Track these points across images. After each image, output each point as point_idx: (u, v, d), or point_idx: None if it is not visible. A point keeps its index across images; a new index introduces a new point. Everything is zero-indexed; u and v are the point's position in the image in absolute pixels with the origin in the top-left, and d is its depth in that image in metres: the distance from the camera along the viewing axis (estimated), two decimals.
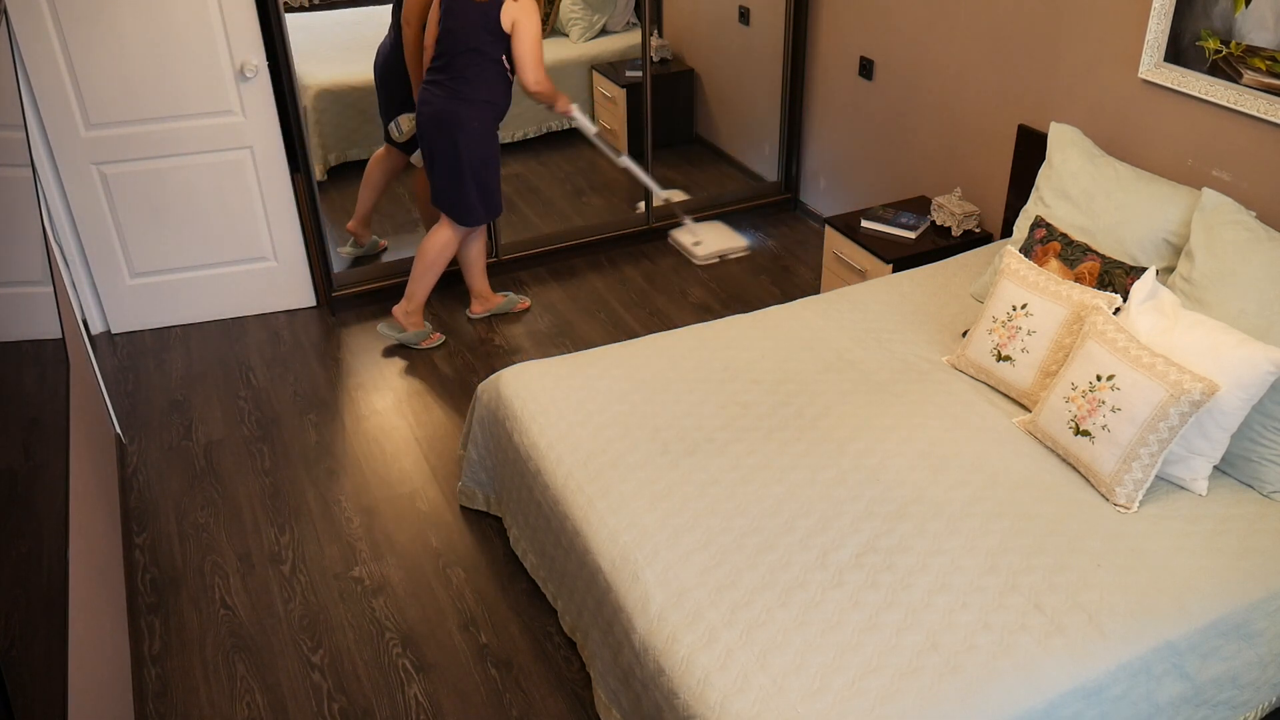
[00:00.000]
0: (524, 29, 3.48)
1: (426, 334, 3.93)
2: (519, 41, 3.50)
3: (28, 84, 3.51)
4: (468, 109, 3.57)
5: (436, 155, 3.65)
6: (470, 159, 3.62)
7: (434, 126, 3.61)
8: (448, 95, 3.56)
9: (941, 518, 2.32)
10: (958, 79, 3.75)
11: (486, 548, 2.99)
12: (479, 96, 3.57)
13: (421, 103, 3.64)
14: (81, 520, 2.37)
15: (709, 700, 1.93)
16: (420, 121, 3.66)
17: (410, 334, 3.89)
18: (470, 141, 3.60)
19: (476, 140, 3.61)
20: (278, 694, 2.57)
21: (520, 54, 3.52)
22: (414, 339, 3.90)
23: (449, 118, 3.57)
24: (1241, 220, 2.58)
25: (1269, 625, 2.18)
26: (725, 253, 4.46)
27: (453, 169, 3.64)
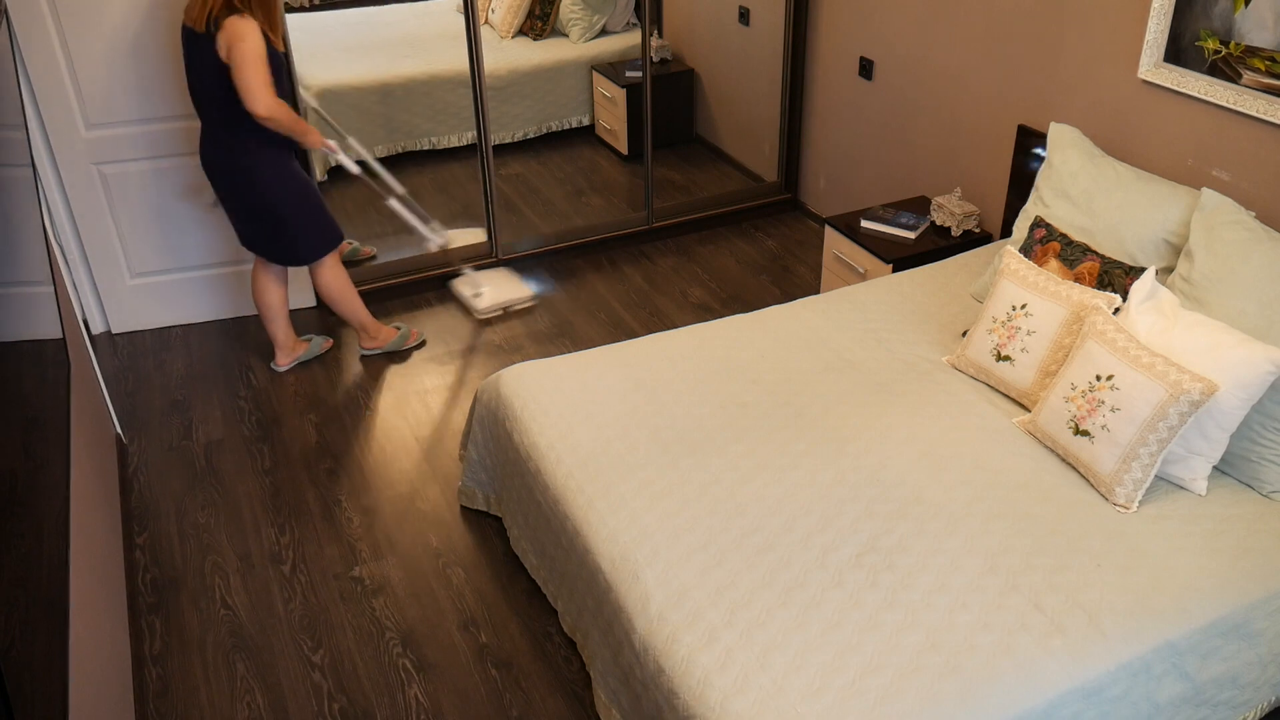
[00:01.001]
0: (238, 52, 3.00)
1: (405, 335, 3.90)
2: (234, 67, 3.02)
3: (28, 84, 3.51)
4: (248, 158, 3.27)
5: (242, 212, 3.40)
6: (276, 204, 3.36)
7: (224, 184, 3.35)
8: (221, 150, 3.27)
9: (941, 518, 2.33)
10: (958, 79, 3.76)
11: (486, 548, 2.99)
12: (255, 141, 3.23)
13: (203, 161, 3.34)
14: (81, 520, 2.37)
15: (709, 700, 1.93)
16: (212, 184, 3.39)
17: (391, 345, 3.87)
18: (269, 189, 3.33)
19: (275, 185, 3.33)
20: (278, 694, 2.57)
21: (239, 81, 3.03)
22: (396, 346, 3.88)
23: (229, 171, 3.30)
24: (1241, 220, 2.58)
25: (1269, 625, 2.18)
26: (509, 304, 4.13)
27: (262, 220, 3.40)
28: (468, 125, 5.19)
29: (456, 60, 4.72)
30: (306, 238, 3.48)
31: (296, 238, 3.46)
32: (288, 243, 3.46)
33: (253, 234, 3.46)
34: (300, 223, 3.44)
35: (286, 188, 3.37)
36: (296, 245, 3.48)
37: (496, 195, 4.31)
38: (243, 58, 3.01)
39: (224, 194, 3.40)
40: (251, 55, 3.02)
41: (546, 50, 5.47)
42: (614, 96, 5.30)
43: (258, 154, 3.27)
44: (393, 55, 5.23)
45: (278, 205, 3.36)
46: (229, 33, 3.01)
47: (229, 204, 3.43)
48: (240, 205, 3.39)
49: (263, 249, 3.49)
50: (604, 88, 5.39)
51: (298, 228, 3.44)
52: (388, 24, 5.59)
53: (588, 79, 5.50)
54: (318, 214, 3.49)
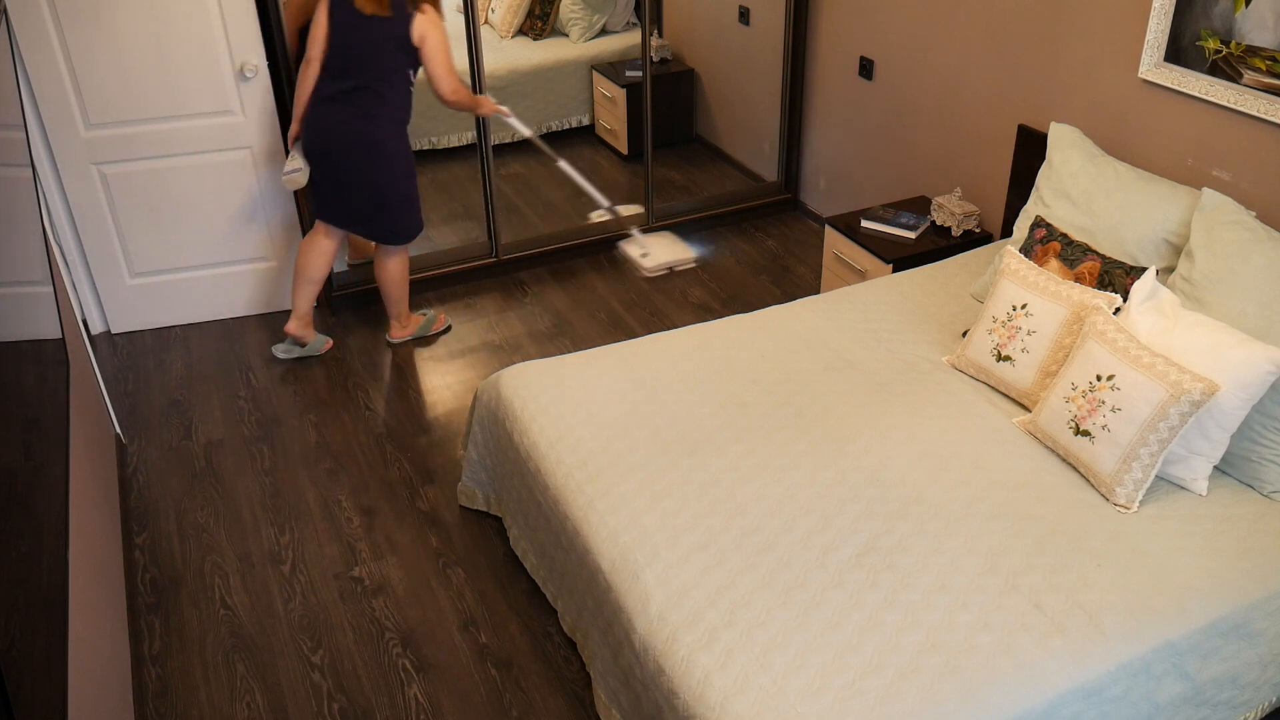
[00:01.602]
0: (432, 41, 3.36)
1: (431, 320, 3.98)
2: (429, 55, 3.38)
3: (28, 84, 3.51)
4: (383, 129, 3.45)
5: (355, 183, 3.50)
6: (398, 176, 3.54)
7: (351, 151, 3.45)
8: (359, 118, 3.42)
9: (941, 518, 2.32)
10: (958, 79, 3.75)
11: (486, 548, 2.99)
12: (391, 115, 3.47)
13: (320, 127, 3.44)
14: (81, 520, 2.37)
15: (709, 700, 1.93)
16: (326, 148, 3.47)
17: (417, 330, 3.95)
18: (392, 161, 3.51)
19: (398, 158, 3.52)
20: (278, 694, 2.57)
21: (432, 68, 3.40)
22: (423, 331, 3.96)
23: (365, 140, 3.44)
24: (1241, 220, 2.58)
25: (1269, 625, 2.18)
26: (673, 264, 4.35)
27: (377, 194, 3.53)
28: (468, 125, 5.19)
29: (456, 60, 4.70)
30: (408, 218, 3.64)
31: (402, 217, 3.61)
32: (390, 219, 3.60)
33: (357, 204, 3.54)
34: (408, 202, 3.61)
35: (408, 165, 3.57)
36: (398, 223, 3.62)
37: (496, 195, 4.31)
38: (437, 46, 3.37)
39: (338, 162, 3.47)
40: (444, 42, 3.39)
41: (546, 50, 5.47)
42: (614, 96, 5.29)
43: (394, 130, 3.48)
44: None
45: (398, 179, 3.54)
46: (426, 19, 3.34)
47: (339, 177, 3.50)
48: (357, 178, 3.49)
49: (360, 222, 3.60)
50: (604, 87, 5.39)
51: (405, 206, 3.60)
52: None
53: (588, 79, 5.50)
54: (418, 198, 3.67)
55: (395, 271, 3.75)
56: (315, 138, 3.47)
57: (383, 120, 3.44)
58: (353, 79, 3.39)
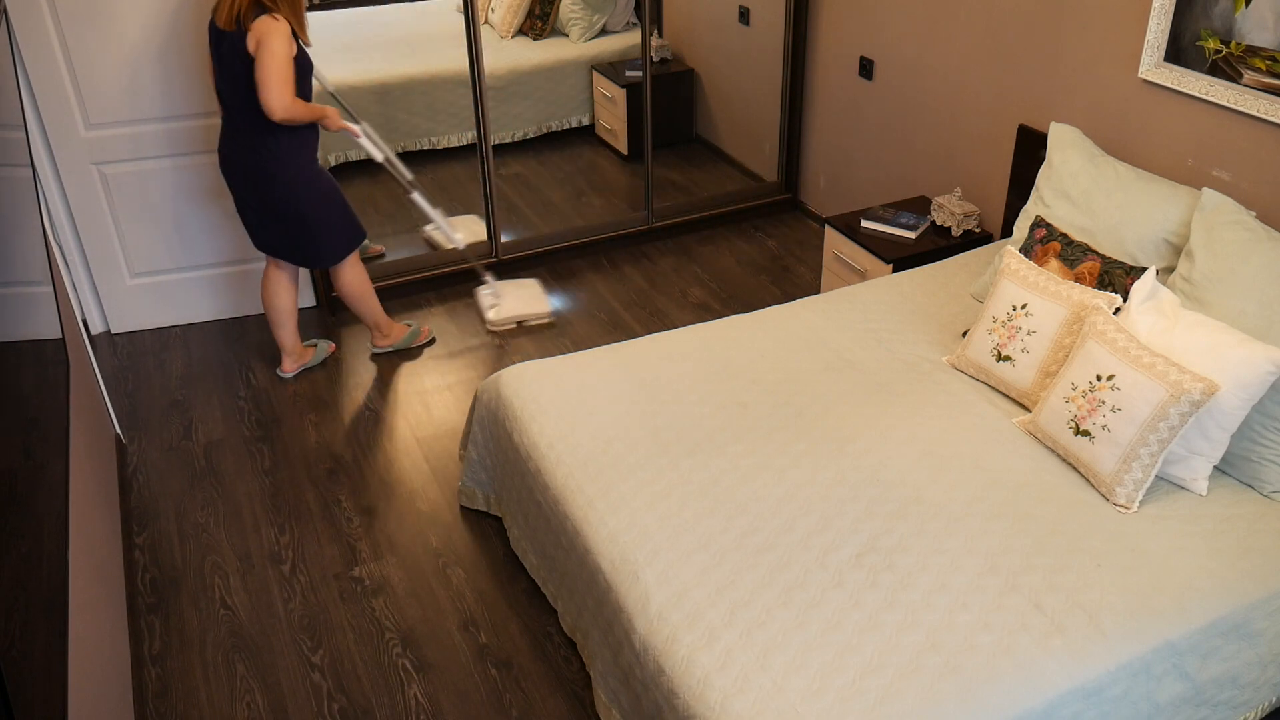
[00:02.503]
0: (264, 50, 3.02)
1: (415, 332, 3.90)
2: (258, 65, 3.03)
3: (28, 84, 3.51)
4: (273, 159, 3.24)
5: (265, 213, 3.36)
6: (305, 206, 3.33)
7: (247, 185, 3.32)
8: (245, 150, 3.24)
9: (941, 518, 2.32)
10: (958, 79, 3.75)
11: (486, 548, 2.99)
12: (280, 142, 3.21)
13: (223, 162, 3.32)
14: (81, 520, 2.37)
15: (709, 700, 1.93)
16: (231, 184, 3.36)
17: (400, 341, 3.87)
18: (292, 190, 3.30)
19: (299, 185, 3.31)
20: (278, 694, 2.57)
21: (259, 78, 3.03)
22: (406, 343, 3.89)
23: (257, 174, 3.27)
24: (1241, 220, 2.58)
25: (1269, 625, 2.18)
26: (524, 318, 4.01)
27: (291, 223, 3.36)
28: (468, 125, 5.19)
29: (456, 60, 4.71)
30: (330, 239, 3.46)
31: (320, 239, 3.43)
32: (310, 245, 3.43)
33: (273, 237, 3.41)
34: (323, 224, 3.41)
35: (310, 188, 3.34)
36: (320, 247, 3.45)
37: (496, 195, 4.31)
38: (269, 56, 3.02)
39: (243, 195, 3.35)
40: (276, 55, 3.03)
41: (546, 50, 5.47)
42: (614, 96, 5.29)
43: (283, 154, 3.24)
44: (392, 55, 5.23)
45: (301, 206, 3.33)
46: (258, 30, 3.02)
47: (247, 206, 3.38)
48: (261, 207, 3.34)
49: (284, 252, 3.45)
50: (604, 87, 5.39)
51: (321, 229, 3.41)
52: (387, 24, 5.59)
53: (588, 79, 5.50)
54: (341, 213, 3.47)
55: (350, 287, 3.61)
56: (223, 173, 3.35)
57: (269, 150, 3.22)
58: (228, 106, 3.22)
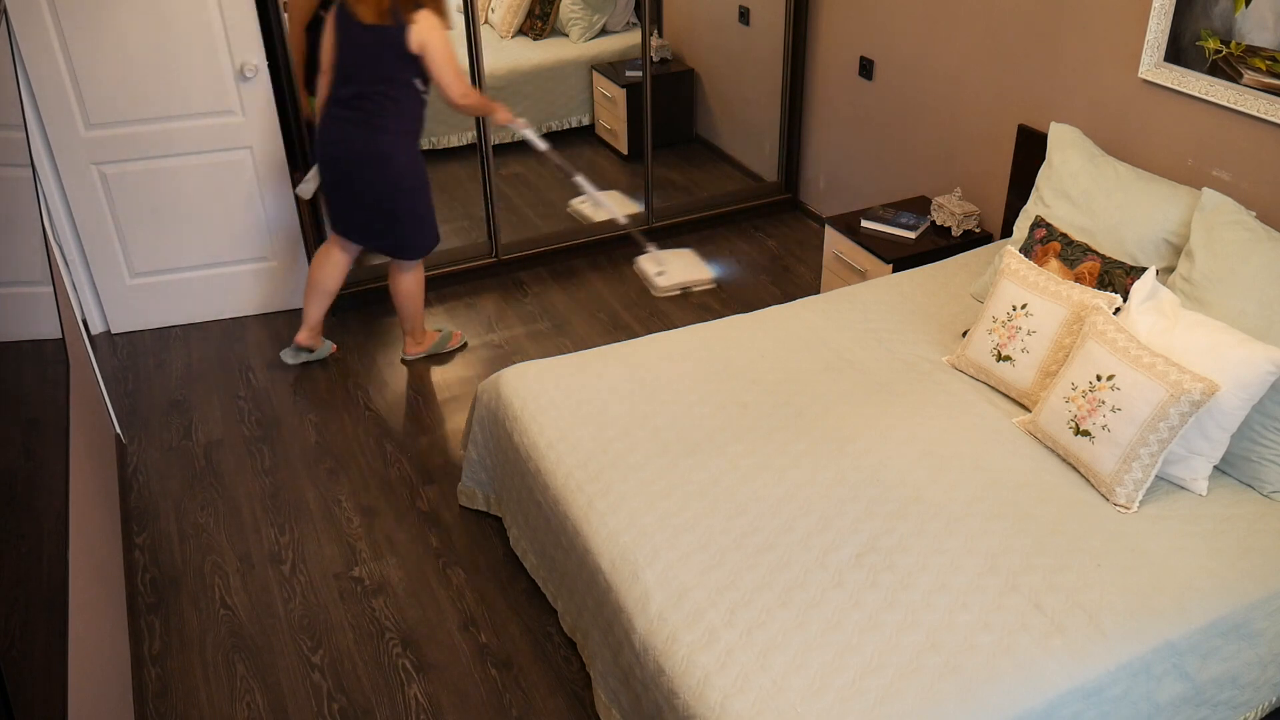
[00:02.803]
0: (433, 47, 3.21)
1: (447, 337, 3.89)
2: (432, 62, 3.23)
3: (28, 84, 3.51)
4: (391, 142, 3.34)
5: (363, 195, 3.42)
6: (406, 191, 3.43)
7: (354, 165, 3.36)
8: (365, 130, 3.31)
9: (941, 518, 2.32)
10: (958, 79, 3.75)
11: (486, 548, 2.99)
12: (399, 127, 3.34)
13: (328, 139, 3.37)
14: (81, 520, 2.37)
15: (709, 700, 1.93)
16: (334, 161, 3.40)
17: (431, 347, 3.86)
18: (400, 175, 3.39)
19: (406, 172, 3.40)
20: (278, 694, 2.57)
21: (437, 74, 3.25)
22: (437, 348, 3.88)
23: (372, 154, 3.34)
24: (1241, 220, 2.58)
25: (1269, 625, 2.18)
26: (689, 284, 4.12)
27: (386, 208, 3.44)
28: (468, 125, 5.18)
29: None
30: (420, 233, 3.54)
31: (412, 231, 3.51)
32: (400, 235, 3.50)
33: (366, 221, 3.48)
34: (419, 217, 3.50)
35: (418, 179, 3.44)
36: (409, 238, 3.52)
37: (496, 195, 4.31)
38: (440, 52, 3.21)
39: (347, 178, 3.39)
40: (446, 47, 3.23)
41: (546, 50, 5.46)
42: (614, 96, 5.29)
43: (401, 141, 3.35)
44: None
45: (406, 195, 3.42)
46: (423, 26, 3.18)
47: (347, 188, 3.42)
48: (365, 191, 3.40)
49: (373, 239, 3.53)
50: (604, 87, 5.39)
51: (415, 221, 3.50)
52: None
53: (588, 79, 5.50)
54: (431, 212, 3.56)
55: (409, 287, 3.65)
56: (324, 150, 3.40)
57: (390, 133, 3.33)
58: (358, 90, 3.30)
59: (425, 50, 3.22)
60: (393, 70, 3.25)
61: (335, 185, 3.45)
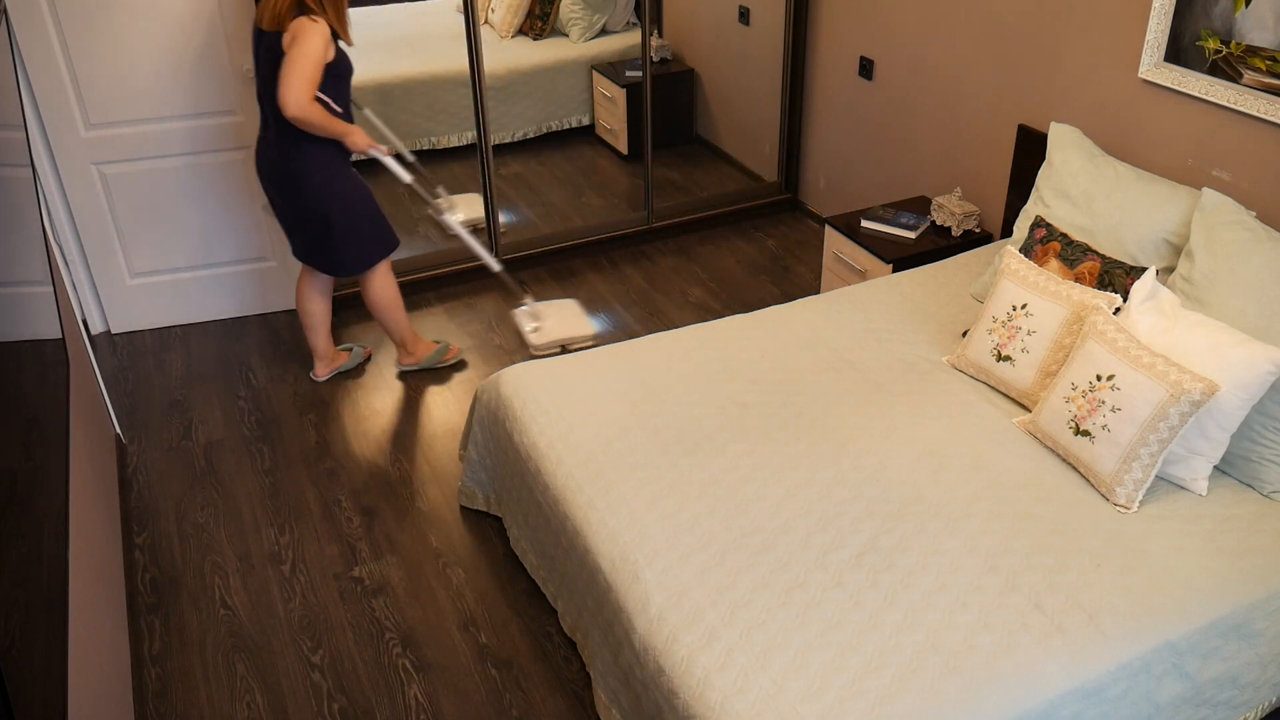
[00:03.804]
0: (296, 45, 2.97)
1: (443, 350, 3.79)
2: (286, 58, 2.97)
3: (28, 84, 3.51)
4: (305, 160, 3.17)
5: (289, 216, 3.33)
6: (332, 209, 3.26)
7: (273, 186, 3.27)
8: (276, 149, 3.19)
9: (941, 518, 2.32)
10: (958, 79, 3.75)
11: (486, 548, 2.99)
12: (312, 143, 3.15)
13: (258, 168, 3.30)
14: (81, 520, 2.37)
15: (709, 700, 1.93)
16: (263, 187, 3.33)
17: (426, 359, 3.76)
18: (321, 194, 3.23)
19: (327, 191, 3.23)
20: (278, 694, 2.57)
21: (281, 71, 2.97)
22: (433, 362, 3.78)
23: (286, 174, 3.21)
24: (1241, 220, 2.58)
25: (1269, 625, 2.18)
26: (567, 341, 3.82)
27: (314, 227, 3.31)
28: (468, 125, 5.18)
29: (456, 60, 4.71)
30: (354, 247, 3.38)
31: (343, 247, 3.35)
32: (333, 252, 3.36)
33: (302, 242, 3.39)
34: (348, 231, 3.33)
35: (336, 194, 3.26)
36: (342, 255, 3.37)
37: (496, 195, 4.31)
38: (297, 53, 2.96)
39: (274, 199, 3.32)
40: (306, 54, 2.97)
41: (546, 50, 5.46)
42: (614, 96, 5.29)
43: (310, 158, 3.18)
44: (392, 55, 5.23)
45: (327, 212, 3.26)
46: (294, 29, 2.99)
47: (279, 211, 3.35)
48: (290, 211, 3.31)
49: (312, 258, 3.41)
50: (604, 87, 5.39)
51: (345, 236, 3.33)
52: (387, 24, 5.59)
53: (588, 79, 5.49)
54: (369, 222, 3.38)
55: (377, 300, 3.52)
56: (259, 177, 3.32)
57: (298, 152, 3.15)
58: (267, 110, 3.16)
59: (290, 47, 2.98)
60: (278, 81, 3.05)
61: (273, 210, 3.38)
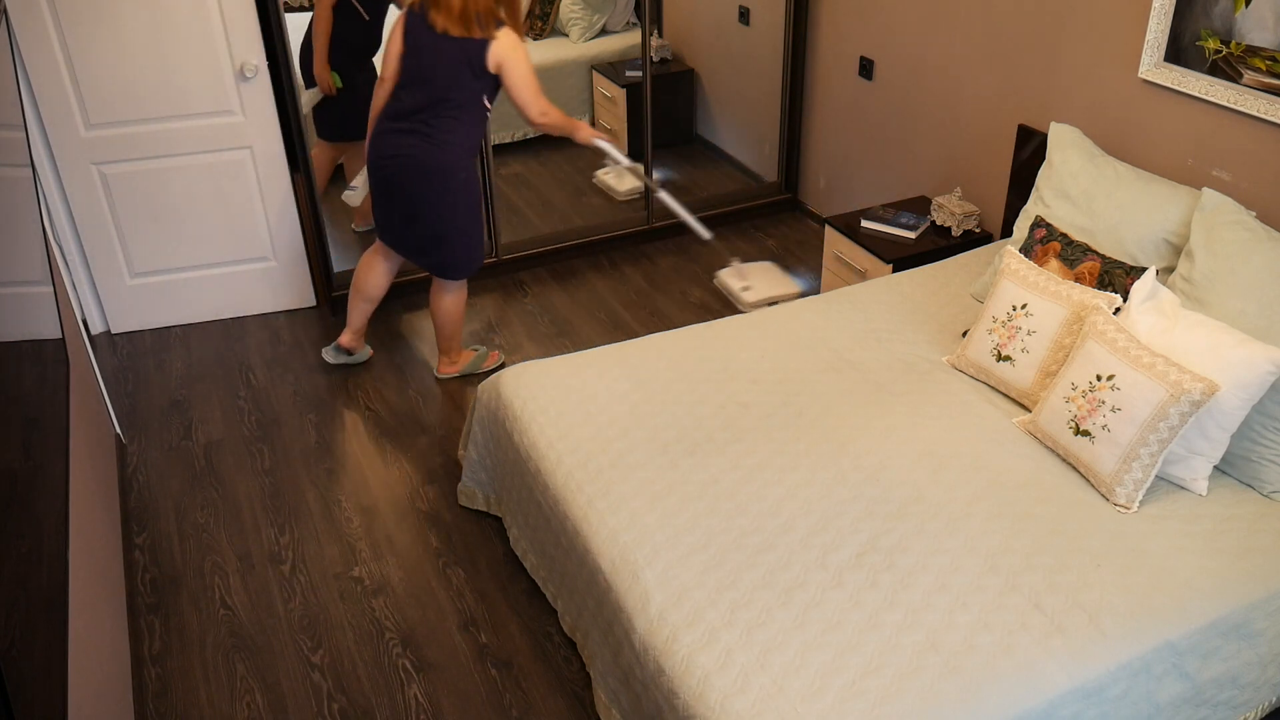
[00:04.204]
0: (513, 66, 3.15)
1: (483, 356, 3.78)
2: (512, 81, 3.17)
3: (28, 84, 3.51)
4: (450, 158, 3.24)
5: (418, 211, 3.32)
6: (461, 209, 3.34)
7: (413, 179, 3.26)
8: (427, 144, 3.21)
9: (941, 518, 2.32)
10: (958, 79, 3.75)
11: (486, 548, 2.99)
12: (463, 141, 3.25)
13: (389, 153, 3.26)
14: (81, 520, 2.37)
15: (709, 700, 1.93)
16: (389, 173, 3.28)
17: (468, 366, 3.75)
18: (460, 191, 3.30)
19: (464, 190, 3.32)
20: (278, 694, 2.57)
21: (516, 93, 3.19)
22: (474, 368, 3.76)
23: (434, 168, 3.24)
24: (1241, 220, 2.58)
25: (1269, 625, 2.18)
26: (776, 298, 3.88)
27: (440, 223, 3.34)
28: None
29: None
30: (467, 253, 3.44)
31: (461, 250, 3.41)
32: (448, 253, 3.40)
33: (415, 236, 3.38)
34: (469, 236, 3.40)
35: (472, 199, 3.36)
36: (455, 258, 3.42)
37: (496, 195, 4.31)
38: (520, 69, 3.16)
39: (403, 192, 3.28)
40: (527, 66, 3.18)
41: (546, 50, 5.46)
42: (614, 96, 5.29)
43: (462, 160, 3.27)
44: None
45: (459, 214, 3.33)
46: (504, 43, 3.12)
47: (403, 202, 3.31)
48: (420, 206, 3.30)
49: (419, 255, 3.43)
50: (604, 87, 5.39)
51: (464, 241, 3.40)
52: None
53: (588, 79, 5.49)
54: (481, 231, 3.47)
55: (450, 306, 3.55)
56: (380, 161, 3.29)
57: (451, 149, 3.24)
58: (424, 103, 3.20)
59: (504, 68, 3.15)
60: (465, 84, 3.17)
61: (389, 198, 3.35)
